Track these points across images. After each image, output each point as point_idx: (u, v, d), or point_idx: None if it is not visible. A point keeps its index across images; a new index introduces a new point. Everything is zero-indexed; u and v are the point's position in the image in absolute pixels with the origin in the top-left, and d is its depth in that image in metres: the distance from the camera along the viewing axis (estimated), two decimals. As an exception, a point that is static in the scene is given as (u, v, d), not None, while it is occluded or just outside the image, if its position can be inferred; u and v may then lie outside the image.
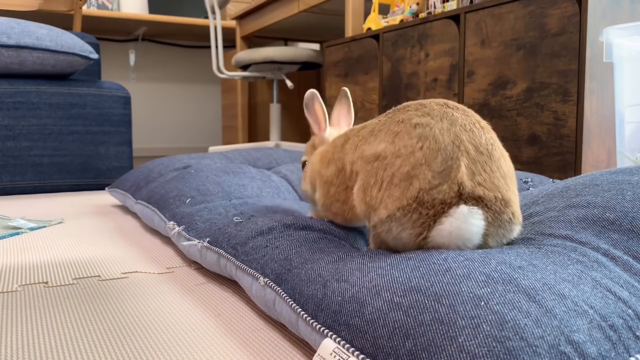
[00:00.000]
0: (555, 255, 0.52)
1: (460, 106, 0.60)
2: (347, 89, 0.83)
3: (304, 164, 0.83)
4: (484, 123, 0.59)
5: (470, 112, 0.60)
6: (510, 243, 0.59)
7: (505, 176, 0.56)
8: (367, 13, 2.17)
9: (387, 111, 0.64)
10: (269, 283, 0.61)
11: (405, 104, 0.63)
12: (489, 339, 0.38)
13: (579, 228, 0.57)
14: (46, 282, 0.79)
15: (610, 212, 0.58)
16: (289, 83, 2.66)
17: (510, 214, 0.56)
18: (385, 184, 0.57)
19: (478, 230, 0.54)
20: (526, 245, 0.56)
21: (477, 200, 0.54)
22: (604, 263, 0.50)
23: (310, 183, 0.78)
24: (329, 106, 2.16)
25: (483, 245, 0.55)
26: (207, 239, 0.80)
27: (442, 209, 0.54)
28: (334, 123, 0.83)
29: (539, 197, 0.71)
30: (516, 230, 0.58)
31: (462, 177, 0.54)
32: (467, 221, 0.53)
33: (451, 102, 0.61)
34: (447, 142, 0.55)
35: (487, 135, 0.57)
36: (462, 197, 0.54)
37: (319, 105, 0.79)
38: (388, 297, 0.46)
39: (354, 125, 0.77)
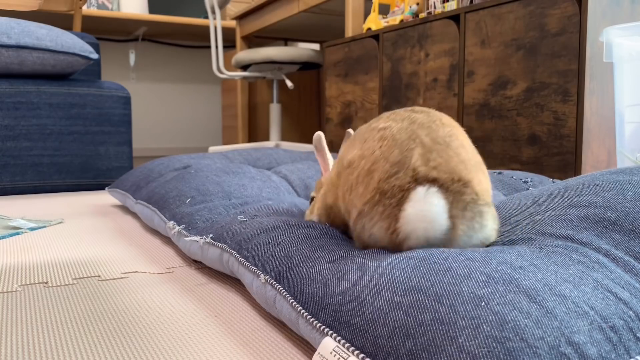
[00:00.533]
0: (556, 255, 0.52)
1: (428, 110, 0.63)
2: (351, 131, 0.84)
3: (311, 200, 0.86)
4: (447, 120, 0.61)
5: (436, 113, 0.62)
6: (511, 243, 0.59)
7: (465, 162, 0.57)
8: (367, 13, 2.17)
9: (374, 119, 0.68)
10: (269, 280, 0.61)
11: (383, 114, 0.67)
12: (489, 340, 0.38)
13: (580, 228, 0.57)
14: (46, 282, 0.79)
15: (611, 212, 0.58)
16: (289, 83, 2.66)
17: (473, 195, 0.56)
18: (354, 185, 0.60)
19: (439, 209, 0.54)
20: (527, 246, 0.56)
21: (432, 182, 0.55)
22: (605, 264, 0.50)
23: (318, 216, 0.79)
24: (329, 106, 2.16)
25: (453, 231, 0.55)
26: (210, 235, 0.80)
27: (402, 196, 0.55)
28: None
29: (539, 197, 0.71)
30: (488, 213, 0.57)
31: (415, 163, 0.56)
32: (427, 201, 0.54)
33: (419, 108, 0.64)
34: (404, 138, 0.58)
35: (447, 129, 0.59)
36: (418, 181, 0.55)
37: (324, 152, 0.84)
38: (388, 296, 0.46)
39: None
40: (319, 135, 0.83)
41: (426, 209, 0.54)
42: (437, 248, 0.54)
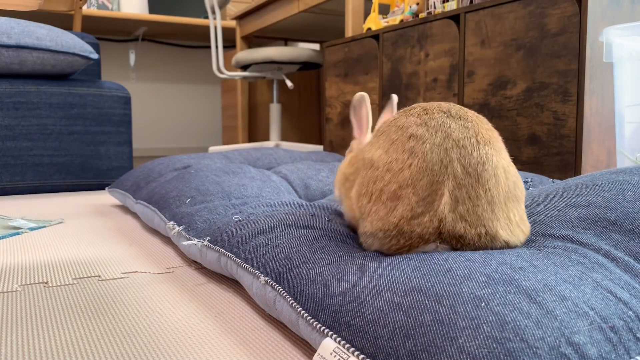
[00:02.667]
0: (556, 256, 0.52)
1: (465, 113, 0.58)
2: (395, 97, 0.79)
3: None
4: (483, 136, 0.56)
5: (473, 121, 0.57)
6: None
7: (492, 202, 0.53)
8: (367, 13, 2.17)
9: (403, 109, 0.63)
10: (269, 282, 0.61)
11: (414, 105, 0.62)
12: (490, 340, 0.38)
13: (579, 228, 0.57)
14: (46, 282, 0.79)
15: (611, 212, 0.58)
16: (289, 83, 2.66)
17: (502, 245, 0.54)
18: (374, 197, 0.57)
19: None
20: (527, 247, 0.56)
21: (456, 239, 0.53)
22: (605, 264, 0.50)
23: (335, 185, 0.78)
24: (329, 106, 2.16)
25: None
26: (208, 238, 0.80)
27: (418, 243, 0.54)
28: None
29: (539, 197, 0.71)
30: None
31: (444, 210, 0.53)
32: None
33: (456, 109, 0.59)
34: (435, 160, 0.54)
35: (482, 151, 0.55)
36: (442, 235, 0.53)
37: (366, 110, 0.76)
38: (389, 297, 0.46)
39: None
40: (362, 95, 0.74)
41: None
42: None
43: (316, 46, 3.62)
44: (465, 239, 0.53)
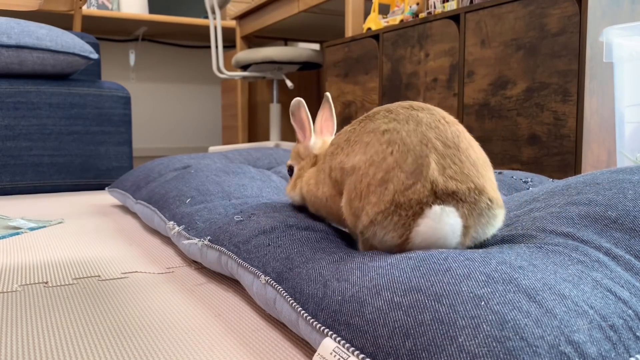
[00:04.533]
0: (555, 255, 0.52)
1: (426, 106, 0.62)
2: (329, 94, 0.83)
3: (290, 169, 0.84)
4: (449, 118, 0.61)
5: (436, 109, 0.62)
6: (511, 238, 0.59)
7: (475, 164, 0.57)
8: (367, 13, 2.17)
9: (360, 117, 0.66)
10: (269, 281, 0.61)
11: (374, 110, 0.65)
12: (489, 339, 0.38)
13: (580, 226, 0.57)
14: (46, 282, 0.79)
15: (611, 210, 0.57)
16: (289, 83, 2.66)
17: (487, 201, 0.57)
18: (364, 193, 0.58)
19: (453, 228, 0.55)
20: (527, 244, 0.56)
21: (451, 196, 0.55)
22: (605, 263, 0.50)
23: (301, 197, 0.79)
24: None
25: (465, 236, 0.56)
26: (208, 238, 0.80)
27: (420, 209, 0.55)
28: (317, 130, 0.83)
29: (539, 194, 0.70)
30: (500, 215, 0.58)
31: (433, 174, 0.55)
32: (442, 221, 0.55)
33: (416, 103, 0.62)
34: (415, 142, 0.57)
35: (453, 128, 0.59)
36: (437, 194, 0.55)
37: (305, 114, 0.79)
38: (388, 296, 0.46)
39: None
40: (299, 100, 0.78)
41: (439, 228, 0.55)
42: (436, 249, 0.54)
43: (316, 46, 3.62)
44: (458, 194, 0.55)
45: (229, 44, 3.89)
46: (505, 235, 0.60)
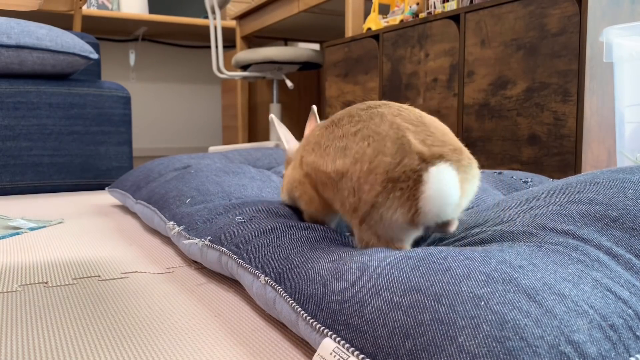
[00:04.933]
0: (555, 254, 0.52)
1: (382, 102, 0.66)
2: (315, 107, 0.89)
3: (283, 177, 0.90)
4: (407, 106, 0.65)
5: (392, 103, 0.65)
6: (511, 235, 0.59)
7: (445, 133, 0.61)
8: (367, 13, 2.17)
9: (325, 122, 0.70)
10: (269, 282, 0.61)
11: (337, 116, 0.69)
12: (489, 339, 0.38)
13: (581, 224, 0.57)
14: (46, 282, 0.79)
15: (612, 209, 0.57)
16: (289, 83, 2.66)
17: (467, 159, 0.60)
18: (356, 188, 0.61)
19: (454, 182, 0.57)
20: (527, 243, 0.56)
21: (439, 158, 0.58)
22: (605, 262, 0.50)
23: (287, 194, 0.84)
24: (329, 106, 2.16)
25: (461, 196, 0.59)
26: (209, 238, 0.80)
27: (416, 177, 0.57)
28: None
29: (539, 193, 0.70)
30: (478, 174, 0.62)
31: (417, 146, 0.58)
32: (443, 179, 0.57)
33: (373, 102, 0.66)
34: (387, 129, 0.60)
35: (414, 111, 0.63)
36: (426, 161, 0.57)
37: (281, 128, 0.90)
38: (388, 296, 0.46)
39: None
40: (271, 117, 0.87)
41: (443, 185, 0.57)
42: (435, 248, 0.54)
43: (316, 46, 3.62)
44: (444, 156, 0.58)
45: (229, 44, 3.90)
46: (506, 232, 0.60)
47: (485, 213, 0.72)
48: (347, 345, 0.45)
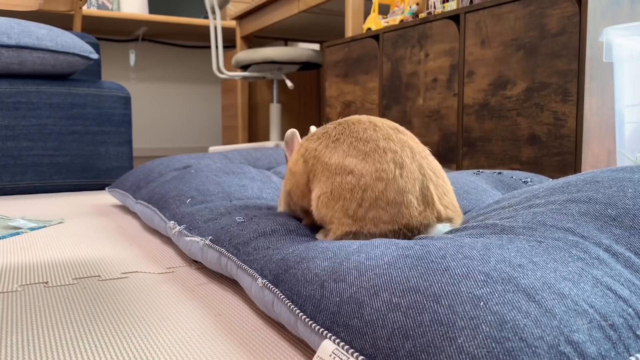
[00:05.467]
0: (556, 251, 0.52)
1: (401, 128, 0.70)
2: (313, 128, 0.89)
3: None
4: (415, 139, 0.70)
5: (399, 128, 0.70)
6: (511, 229, 0.59)
7: (451, 190, 0.69)
8: (367, 13, 2.17)
9: (338, 120, 0.72)
10: (267, 284, 0.61)
11: (354, 118, 0.71)
12: (489, 340, 0.38)
13: (581, 221, 0.57)
14: (46, 282, 0.80)
15: (611, 208, 0.57)
16: (289, 83, 2.66)
17: (459, 218, 0.69)
18: (368, 204, 0.64)
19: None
20: (527, 239, 0.56)
21: (447, 221, 0.66)
22: (605, 260, 0.50)
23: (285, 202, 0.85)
24: (329, 106, 2.16)
25: None
26: (210, 237, 0.80)
27: (426, 230, 0.65)
28: None
29: (539, 191, 0.70)
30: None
31: (437, 204, 0.65)
32: (439, 233, 0.66)
33: (392, 124, 0.70)
34: (415, 170, 0.65)
35: (431, 156, 0.70)
36: (440, 220, 0.66)
37: (298, 142, 0.88)
38: (387, 297, 0.46)
39: None
40: (293, 131, 0.86)
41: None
42: (433, 244, 0.54)
43: (316, 46, 3.62)
44: (452, 221, 0.67)
45: (229, 44, 3.90)
46: (505, 226, 0.60)
47: (484, 211, 0.72)
48: (346, 346, 0.45)
